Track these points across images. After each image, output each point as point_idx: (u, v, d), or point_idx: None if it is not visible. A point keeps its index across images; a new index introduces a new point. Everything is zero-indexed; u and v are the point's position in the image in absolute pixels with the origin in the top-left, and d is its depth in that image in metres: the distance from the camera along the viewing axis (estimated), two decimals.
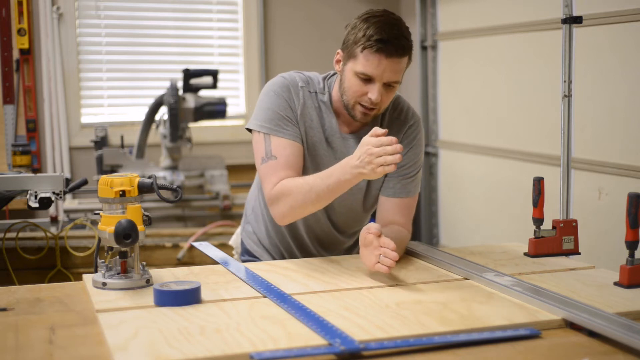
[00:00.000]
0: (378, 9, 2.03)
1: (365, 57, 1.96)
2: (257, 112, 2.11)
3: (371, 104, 2.00)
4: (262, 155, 2.06)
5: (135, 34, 4.50)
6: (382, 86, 1.99)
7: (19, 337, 1.55)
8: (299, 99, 2.10)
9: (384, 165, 1.80)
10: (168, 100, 3.76)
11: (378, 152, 1.81)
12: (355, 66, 1.99)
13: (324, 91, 2.14)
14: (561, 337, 1.56)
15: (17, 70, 4.13)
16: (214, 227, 3.58)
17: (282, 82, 2.12)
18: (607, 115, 3.04)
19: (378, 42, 1.94)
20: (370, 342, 1.47)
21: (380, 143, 1.81)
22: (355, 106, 2.03)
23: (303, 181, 1.99)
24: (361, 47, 1.96)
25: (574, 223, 2.23)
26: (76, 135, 4.29)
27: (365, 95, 1.99)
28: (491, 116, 3.86)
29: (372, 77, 1.97)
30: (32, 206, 2.59)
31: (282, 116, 2.07)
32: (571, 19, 2.30)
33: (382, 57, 1.95)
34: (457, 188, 4.21)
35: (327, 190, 1.94)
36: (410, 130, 2.16)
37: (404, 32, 1.99)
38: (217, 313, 1.65)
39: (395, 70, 1.97)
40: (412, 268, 2.06)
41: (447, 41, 4.22)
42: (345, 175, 1.90)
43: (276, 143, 2.05)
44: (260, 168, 2.07)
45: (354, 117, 2.05)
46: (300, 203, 1.99)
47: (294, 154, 2.05)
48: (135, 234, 1.76)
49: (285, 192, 2.00)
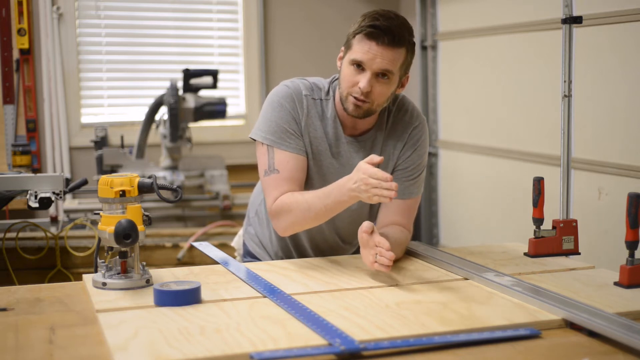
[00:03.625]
0: (381, 9, 2.04)
1: (357, 43, 1.98)
2: (261, 122, 2.11)
3: (361, 94, 1.99)
4: (265, 167, 2.08)
5: (135, 34, 4.50)
6: (374, 76, 1.98)
7: (19, 337, 1.55)
8: (303, 109, 2.09)
9: (380, 195, 1.83)
10: (168, 100, 3.76)
11: (374, 184, 1.83)
12: (349, 54, 2.01)
13: (329, 96, 2.13)
14: (561, 337, 1.56)
15: (17, 70, 4.13)
16: (214, 227, 3.58)
17: (285, 92, 2.10)
18: (607, 115, 3.04)
19: (369, 27, 1.96)
20: (370, 342, 1.47)
21: (377, 177, 1.83)
22: (348, 97, 2.03)
23: (302, 199, 2.00)
24: (354, 35, 1.99)
25: (574, 223, 2.23)
26: (76, 135, 4.29)
27: (357, 85, 1.99)
28: (491, 116, 3.86)
29: (362, 63, 1.97)
30: (32, 206, 2.59)
31: (286, 129, 2.07)
32: (571, 19, 2.30)
33: (373, 43, 1.96)
34: (457, 188, 4.21)
35: (325, 210, 1.97)
36: (415, 132, 2.16)
37: (400, 25, 1.99)
38: (217, 313, 1.65)
39: (386, 58, 1.97)
40: (412, 268, 2.06)
41: (447, 41, 4.22)
42: (342, 196, 1.92)
43: (279, 156, 2.06)
44: (263, 180, 2.09)
45: (347, 110, 2.05)
46: (300, 220, 2.02)
47: (296, 168, 2.06)
48: (135, 234, 1.76)
49: (286, 208, 2.02)
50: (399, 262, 2.11)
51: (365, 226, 1.89)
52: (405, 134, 2.15)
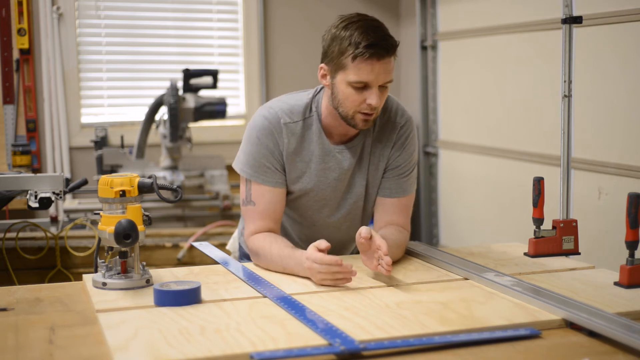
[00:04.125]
0: (350, 14, 2.01)
1: (357, 65, 1.95)
2: (240, 153, 2.13)
3: (371, 109, 1.99)
4: (243, 197, 2.12)
5: (135, 34, 4.50)
6: (378, 89, 1.98)
7: (19, 337, 1.55)
8: (283, 140, 2.08)
9: (330, 279, 1.86)
10: (168, 100, 3.76)
11: (317, 269, 1.86)
12: (347, 76, 1.97)
13: (312, 112, 2.11)
14: (561, 337, 1.56)
15: (17, 70, 4.13)
16: (214, 227, 3.58)
17: (263, 126, 2.08)
18: (607, 115, 3.04)
19: (368, 47, 1.93)
20: (370, 342, 1.47)
21: (323, 262, 1.85)
22: (355, 115, 2.01)
23: (269, 250, 2.02)
24: (351, 57, 1.95)
25: (574, 223, 2.23)
26: (76, 135, 4.29)
27: (364, 102, 1.98)
28: (491, 116, 3.86)
29: (368, 83, 1.97)
30: (32, 206, 2.59)
31: (263, 164, 2.08)
32: (571, 19, 2.30)
33: (375, 62, 1.94)
34: (457, 188, 4.21)
35: (283, 269, 2.00)
36: (402, 131, 2.16)
37: (387, 31, 1.98)
38: (217, 313, 1.65)
39: (388, 71, 1.97)
40: (412, 268, 2.06)
41: (447, 41, 4.22)
42: (299, 271, 1.95)
43: (256, 189, 2.09)
44: (242, 208, 2.14)
45: (355, 126, 2.04)
46: (269, 267, 2.04)
47: (272, 201, 2.09)
48: (135, 234, 1.76)
49: (254, 251, 2.08)
50: (399, 262, 2.11)
51: (364, 232, 1.89)
52: (393, 135, 2.15)
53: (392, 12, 4.75)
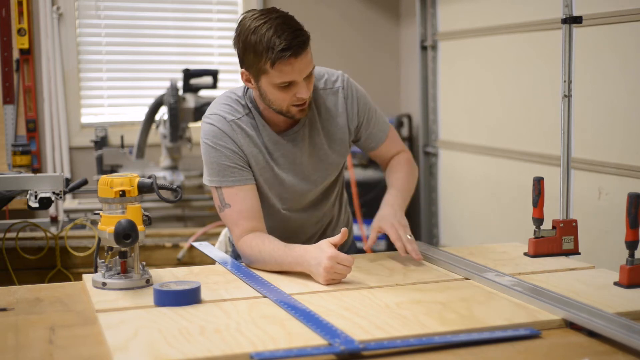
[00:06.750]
0: (253, 12, 2.00)
1: (277, 69, 1.95)
2: (204, 167, 2.14)
3: (303, 100, 2.03)
4: (218, 204, 2.12)
5: (135, 34, 4.50)
6: (304, 80, 2.01)
7: (19, 337, 1.55)
8: (237, 136, 2.10)
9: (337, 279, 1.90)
10: (168, 100, 3.76)
11: (338, 269, 1.87)
12: (271, 79, 1.98)
13: (249, 108, 2.13)
14: (561, 337, 1.56)
15: (17, 70, 4.13)
16: (214, 227, 3.58)
17: (212, 130, 2.09)
18: (607, 115, 3.04)
19: (284, 50, 1.93)
20: (370, 342, 1.47)
21: (347, 263, 1.88)
22: (290, 108, 2.04)
23: (259, 250, 2.01)
24: (270, 62, 1.95)
25: (573, 223, 2.23)
26: (76, 135, 4.29)
27: (294, 97, 2.01)
28: (491, 116, 3.86)
29: (293, 81, 1.99)
30: (32, 206, 2.59)
31: (227, 165, 2.08)
32: (571, 19, 2.30)
33: (294, 60, 1.95)
34: (457, 188, 4.21)
35: (280, 267, 1.99)
36: (346, 93, 2.19)
37: (296, 24, 1.98)
38: (217, 313, 1.65)
39: (308, 61, 1.99)
40: (412, 268, 2.06)
41: (447, 41, 4.22)
42: (299, 268, 1.95)
43: (227, 192, 2.09)
44: (221, 216, 2.13)
45: (293, 117, 2.08)
46: (265, 267, 2.03)
47: (246, 198, 2.09)
48: (135, 234, 1.76)
49: (244, 253, 2.07)
50: (399, 262, 2.11)
51: (370, 242, 2.08)
52: (338, 100, 2.18)
53: (392, 12, 4.75)
